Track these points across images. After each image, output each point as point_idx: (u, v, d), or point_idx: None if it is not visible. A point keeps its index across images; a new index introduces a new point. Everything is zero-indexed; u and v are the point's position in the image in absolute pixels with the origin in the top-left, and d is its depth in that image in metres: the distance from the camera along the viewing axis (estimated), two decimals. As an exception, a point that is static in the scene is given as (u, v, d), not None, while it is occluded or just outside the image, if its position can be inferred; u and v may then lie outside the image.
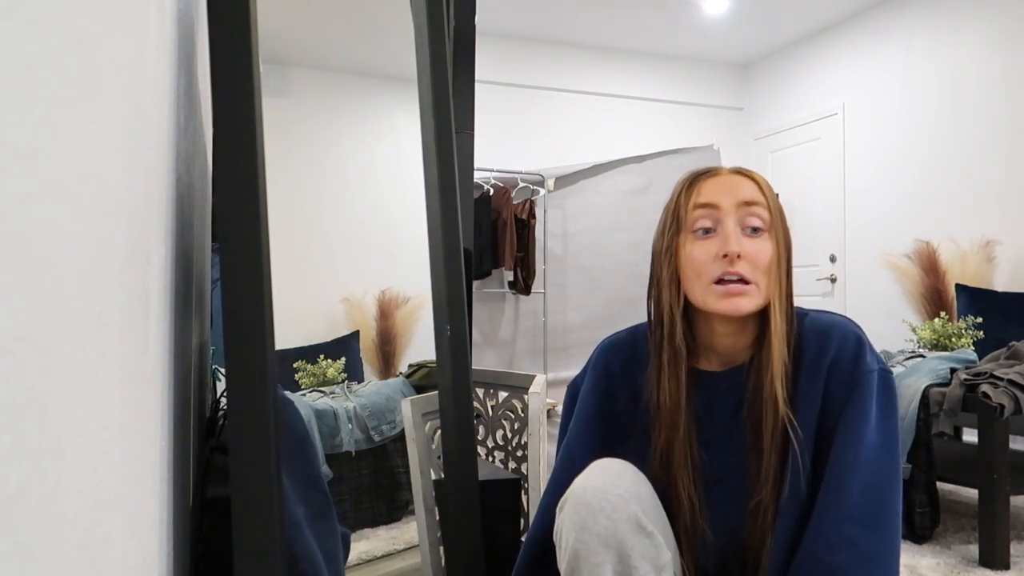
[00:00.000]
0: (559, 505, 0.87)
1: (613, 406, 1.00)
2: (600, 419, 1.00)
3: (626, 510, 0.81)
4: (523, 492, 1.55)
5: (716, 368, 0.95)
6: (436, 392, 1.25)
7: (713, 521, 0.92)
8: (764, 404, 0.87)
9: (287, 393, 1.19)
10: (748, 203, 0.87)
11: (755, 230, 0.87)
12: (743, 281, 0.86)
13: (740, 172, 0.91)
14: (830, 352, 0.88)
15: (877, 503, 0.82)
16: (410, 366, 2.48)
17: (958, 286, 3.26)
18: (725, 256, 0.85)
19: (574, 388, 1.06)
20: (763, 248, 0.87)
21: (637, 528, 0.81)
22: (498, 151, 4.50)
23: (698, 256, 0.88)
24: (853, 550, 0.80)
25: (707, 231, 0.88)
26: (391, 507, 2.18)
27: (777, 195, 0.93)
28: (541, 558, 0.96)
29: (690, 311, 0.93)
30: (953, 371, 2.33)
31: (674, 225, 0.91)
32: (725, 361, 0.94)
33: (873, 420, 0.85)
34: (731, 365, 0.94)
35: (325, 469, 2.01)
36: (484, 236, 4.21)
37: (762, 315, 0.90)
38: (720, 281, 0.86)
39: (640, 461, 0.92)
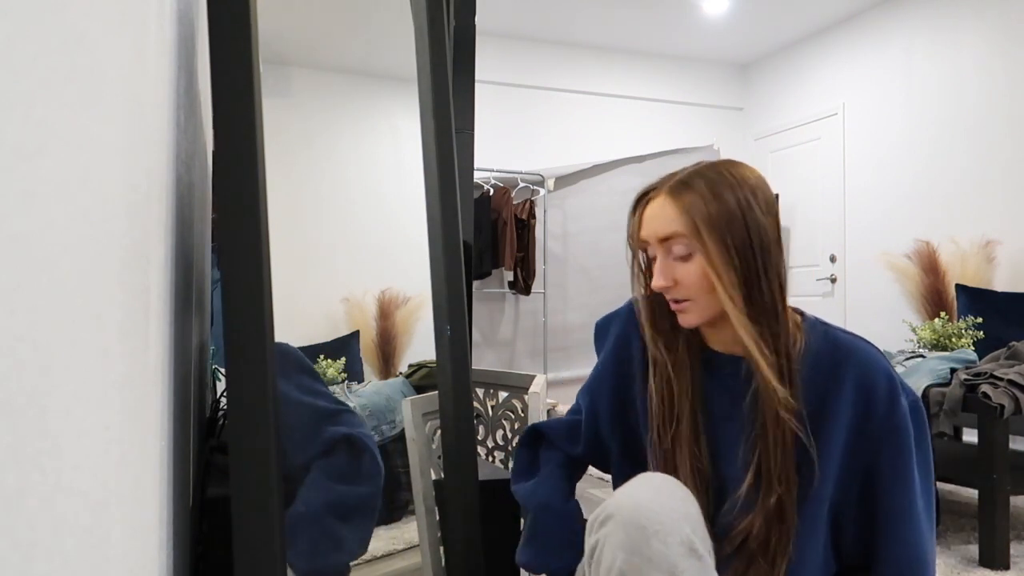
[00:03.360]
0: (598, 518, 0.84)
1: (629, 365, 1.04)
2: (613, 376, 1.05)
3: (679, 532, 0.80)
4: (523, 492, 1.54)
5: (720, 349, 0.97)
6: (436, 392, 1.25)
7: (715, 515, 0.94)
8: (763, 399, 0.89)
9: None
10: (666, 238, 0.91)
11: (681, 257, 0.91)
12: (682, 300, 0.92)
13: (669, 193, 0.92)
14: (858, 383, 0.89)
15: (927, 538, 0.90)
16: (410, 366, 2.48)
17: (958, 286, 3.26)
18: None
19: (604, 323, 1.10)
20: (691, 271, 0.90)
21: (689, 551, 0.80)
22: (498, 151, 4.50)
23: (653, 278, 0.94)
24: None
25: (653, 259, 0.94)
26: (391, 507, 2.18)
27: (735, 192, 0.89)
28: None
29: None
30: (953, 371, 2.33)
31: (635, 243, 0.98)
32: (727, 348, 0.97)
33: (914, 458, 0.89)
34: (733, 352, 0.96)
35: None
36: (484, 236, 4.21)
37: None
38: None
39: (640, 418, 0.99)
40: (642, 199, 0.96)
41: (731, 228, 0.88)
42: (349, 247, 2.65)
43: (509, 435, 1.67)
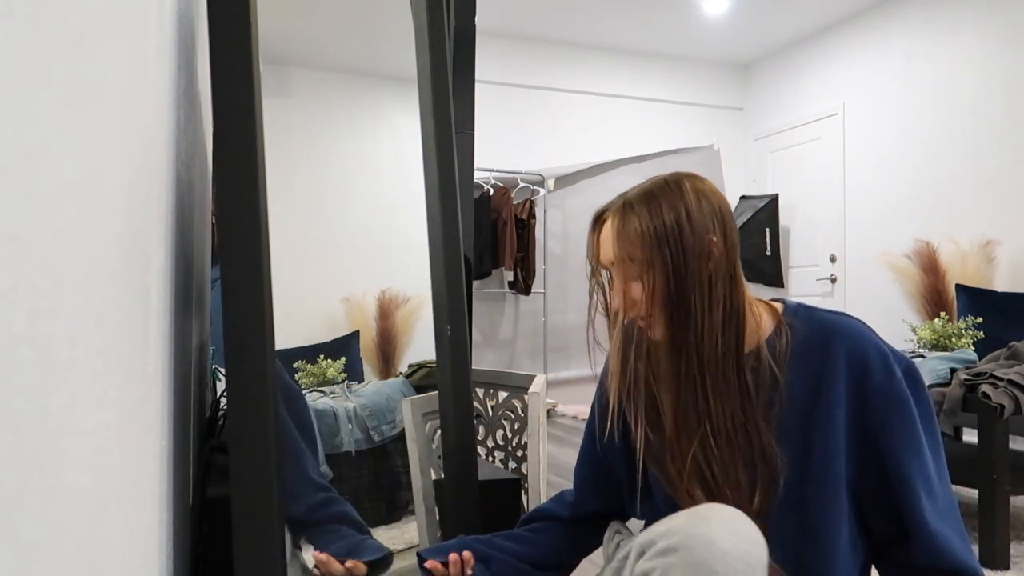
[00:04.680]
0: (655, 543, 0.79)
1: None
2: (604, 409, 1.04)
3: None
4: (523, 492, 1.55)
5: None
6: (436, 392, 1.25)
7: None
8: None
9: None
10: (615, 260, 0.93)
11: (631, 278, 0.92)
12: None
13: (616, 217, 0.93)
14: (850, 359, 0.89)
15: (943, 493, 0.89)
16: (410, 366, 2.48)
17: (958, 286, 3.26)
18: None
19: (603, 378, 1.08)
20: (640, 291, 0.91)
21: None
22: (498, 151, 4.50)
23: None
24: (954, 546, 0.87)
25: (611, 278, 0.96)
26: (391, 507, 2.18)
27: (676, 213, 0.90)
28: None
29: None
30: (953, 371, 2.33)
31: (597, 263, 0.98)
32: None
33: (919, 424, 0.88)
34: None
35: (325, 469, 2.01)
36: (484, 236, 4.21)
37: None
38: None
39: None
40: (599, 219, 0.97)
41: (669, 248, 0.89)
42: (349, 247, 2.65)
43: (509, 435, 1.67)
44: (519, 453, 1.62)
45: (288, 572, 1.07)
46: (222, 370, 1.43)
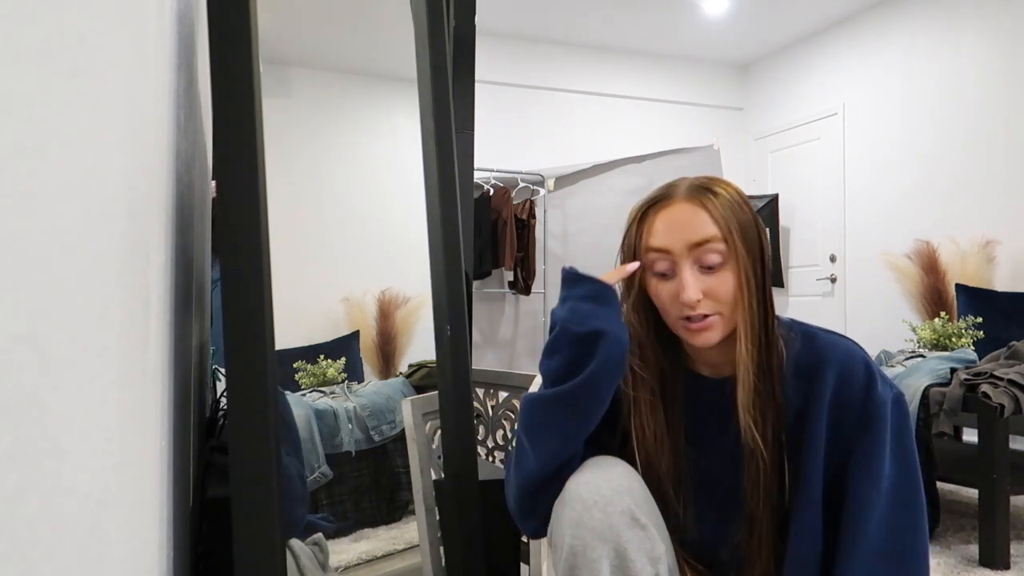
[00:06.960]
0: (554, 506, 0.86)
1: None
2: None
3: (619, 503, 0.81)
4: (523, 492, 1.54)
5: (708, 374, 0.95)
6: (436, 392, 1.25)
7: (703, 522, 0.93)
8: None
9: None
10: (700, 243, 0.86)
11: (712, 266, 0.86)
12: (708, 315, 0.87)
13: (692, 199, 0.87)
14: (838, 380, 0.87)
15: (900, 534, 0.83)
16: (410, 366, 2.48)
17: (958, 286, 3.26)
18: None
19: None
20: (722, 282, 0.86)
21: (631, 521, 0.81)
22: (498, 151, 4.50)
23: (663, 295, 0.89)
24: None
25: (665, 274, 0.89)
26: (391, 507, 2.18)
27: (748, 206, 0.89)
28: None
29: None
30: (953, 371, 2.33)
31: (631, 258, 0.92)
32: (716, 371, 0.95)
33: (888, 449, 0.85)
34: (722, 375, 0.94)
35: (325, 469, 2.01)
36: (484, 236, 4.21)
37: None
38: (686, 318, 0.87)
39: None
40: (648, 209, 0.91)
41: (754, 238, 0.88)
42: (349, 247, 2.66)
43: (509, 435, 1.67)
44: (519, 453, 1.62)
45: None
46: (222, 370, 1.43)
